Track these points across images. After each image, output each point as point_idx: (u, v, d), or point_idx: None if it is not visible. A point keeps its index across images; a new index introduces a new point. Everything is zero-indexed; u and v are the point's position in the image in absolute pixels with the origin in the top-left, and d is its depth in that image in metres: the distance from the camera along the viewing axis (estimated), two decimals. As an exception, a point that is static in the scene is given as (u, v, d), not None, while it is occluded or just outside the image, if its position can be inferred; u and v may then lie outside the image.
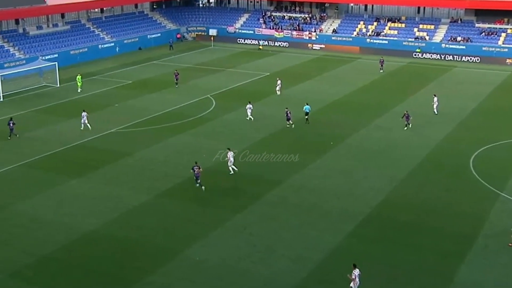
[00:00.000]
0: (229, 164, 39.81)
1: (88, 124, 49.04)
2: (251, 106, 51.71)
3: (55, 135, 48.36)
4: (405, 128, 48.32)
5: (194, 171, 37.26)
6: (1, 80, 59.48)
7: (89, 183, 38.65)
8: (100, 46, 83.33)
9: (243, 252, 29.82)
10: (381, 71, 72.21)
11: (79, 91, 61.85)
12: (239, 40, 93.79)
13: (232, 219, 33.46)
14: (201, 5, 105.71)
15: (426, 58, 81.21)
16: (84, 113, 49.46)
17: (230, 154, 39.89)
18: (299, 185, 38.13)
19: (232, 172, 39.75)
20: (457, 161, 42.26)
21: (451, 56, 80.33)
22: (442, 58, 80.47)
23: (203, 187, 37.01)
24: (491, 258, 29.39)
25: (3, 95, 59.64)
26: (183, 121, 51.76)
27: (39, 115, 54.08)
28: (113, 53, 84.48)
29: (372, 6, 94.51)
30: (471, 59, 78.96)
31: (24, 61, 71.00)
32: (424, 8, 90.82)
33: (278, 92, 60.97)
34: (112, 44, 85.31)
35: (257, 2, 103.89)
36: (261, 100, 58.40)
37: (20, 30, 78.30)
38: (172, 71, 68.65)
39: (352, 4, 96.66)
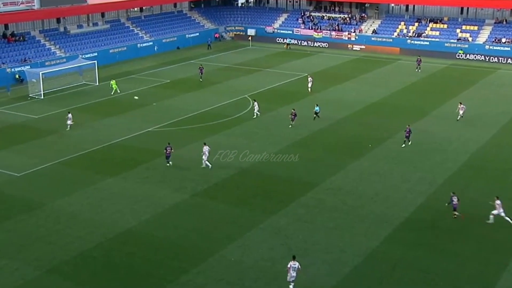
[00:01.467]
0: (203, 158, 40.50)
1: (69, 125, 49.49)
2: (256, 104, 53.06)
3: (93, 133, 49.13)
4: (403, 145, 44.50)
5: (166, 151, 40.72)
6: (42, 78, 60.65)
7: (126, 182, 39.16)
8: (139, 45, 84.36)
9: (278, 254, 29.79)
10: (418, 70, 71.60)
11: (118, 92, 62.29)
12: (278, 40, 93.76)
13: (267, 220, 33.46)
14: (239, 5, 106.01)
15: (468, 60, 79.88)
16: (69, 115, 49.99)
17: (206, 149, 40.61)
18: (336, 188, 37.92)
19: (204, 166, 40.44)
20: (499, 166, 41.47)
21: (495, 58, 78.83)
22: (486, 60, 79.02)
23: (170, 163, 40.98)
24: (534, 267, 28.77)
25: (43, 93, 60.86)
26: (220, 121, 52.01)
27: (78, 113, 54.84)
28: (152, 52, 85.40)
29: (414, 6, 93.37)
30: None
31: (64, 60, 72.30)
32: (468, 8, 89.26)
33: (309, 89, 61.14)
34: (151, 43, 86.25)
35: (296, 2, 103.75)
36: (299, 101, 58.24)
37: (61, 29, 79.75)
38: (209, 70, 69.15)
39: (393, 4, 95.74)
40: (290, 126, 49.44)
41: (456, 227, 32.72)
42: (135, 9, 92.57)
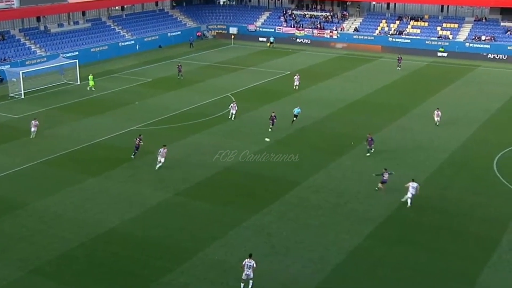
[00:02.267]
0: (159, 158, 40.17)
1: (34, 133, 47.21)
2: (235, 105, 52.20)
3: (74, 133, 48.77)
4: (368, 154, 43.04)
5: (136, 141, 41.77)
6: (22, 78, 60.08)
7: (108, 181, 38.96)
8: (120, 44, 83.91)
9: (261, 252, 29.79)
10: (399, 68, 72.14)
11: (92, 89, 61.94)
12: (260, 39, 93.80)
13: (251, 219, 33.47)
14: (221, 3, 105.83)
15: (449, 58, 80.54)
16: (34, 121, 47.61)
17: (164, 151, 40.20)
18: (319, 186, 38.06)
19: (157, 169, 40.24)
20: (481, 163, 41.91)
21: (475, 56, 79.58)
22: (466, 58, 79.73)
23: (133, 156, 41.97)
24: (515, 262, 29.15)
25: (24, 92, 60.29)
26: (203, 119, 51.93)
27: (59, 112, 54.57)
28: (133, 51, 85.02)
29: (395, 4, 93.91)
30: (496, 58, 78.14)
31: (45, 59, 71.66)
32: (448, 6, 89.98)
33: (296, 87, 61.35)
34: (133, 42, 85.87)
35: (278, 0, 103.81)
36: (280, 99, 58.43)
37: (42, 28, 79.08)
38: (191, 68, 69.08)
39: (374, 3, 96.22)
40: (270, 130, 48.16)
41: (439, 224, 33.02)
42: (117, 7, 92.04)
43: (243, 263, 26.63)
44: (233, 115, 51.68)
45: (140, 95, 60.76)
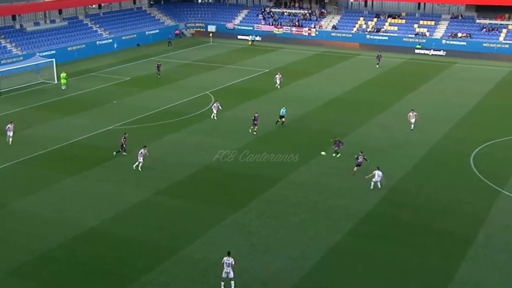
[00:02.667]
0: (139, 158, 39.74)
1: (11, 138, 44.98)
2: (218, 105, 51.49)
3: (52, 132, 48.36)
4: (334, 154, 42.57)
5: (122, 140, 41.92)
6: (-2, 77, 59.47)
7: (87, 181, 38.71)
8: (98, 42, 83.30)
9: (242, 251, 29.87)
10: (377, 66, 72.47)
11: (63, 88, 61.58)
12: (238, 37, 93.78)
13: (231, 217, 33.51)
14: (199, 1, 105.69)
15: (426, 55, 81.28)
16: (10, 125, 45.05)
17: (144, 151, 39.85)
18: (299, 183, 38.20)
19: (134, 168, 40.01)
20: (457, 159, 42.38)
21: (451, 52, 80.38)
22: (443, 55, 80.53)
23: (114, 153, 42.14)
24: (492, 256, 29.52)
25: (0, 92, 59.57)
26: (182, 118, 51.81)
27: (37, 112, 54.07)
28: (111, 49, 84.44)
29: (372, 2, 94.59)
30: (472, 55, 79.02)
31: (21, 58, 70.93)
32: (425, 4, 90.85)
33: (278, 86, 61.31)
34: (110, 40, 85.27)
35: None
36: (260, 97, 58.56)
37: (17, 26, 78.20)
38: (170, 67, 68.87)
39: (352, 0, 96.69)
40: (252, 131, 47.33)
41: (418, 220, 33.34)
42: (94, 6, 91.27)
43: (222, 261, 26.67)
44: (215, 115, 51.38)
45: (118, 94, 60.41)
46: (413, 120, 48.05)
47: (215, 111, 51.30)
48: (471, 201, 35.72)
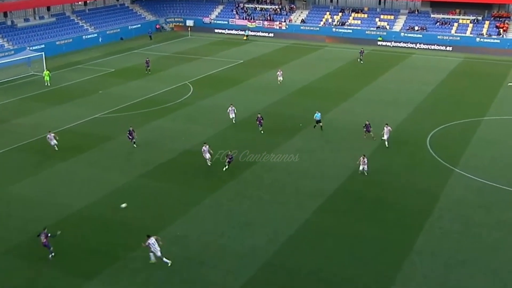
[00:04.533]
0: (206, 156, 37.77)
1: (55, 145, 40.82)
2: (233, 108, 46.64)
3: (41, 121, 47.40)
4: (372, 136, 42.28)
5: (129, 132, 40.96)
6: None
7: (75, 166, 38.06)
8: (84, 37, 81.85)
9: (220, 228, 29.70)
10: (361, 61, 69.91)
11: (47, 85, 59.45)
12: (215, 31, 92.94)
13: (210, 197, 33.26)
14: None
15: (387, 46, 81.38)
16: (49, 135, 40.89)
17: (206, 148, 37.93)
18: (272, 165, 38.01)
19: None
20: (416, 141, 42.55)
21: (409, 44, 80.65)
22: (402, 46, 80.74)
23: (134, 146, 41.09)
24: (445, 227, 29.82)
25: (-8, 84, 58.36)
26: (163, 106, 51.20)
27: (27, 102, 53.00)
28: (97, 43, 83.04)
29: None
30: (427, 46, 79.37)
31: (12, 52, 69.44)
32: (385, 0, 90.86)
33: (279, 82, 58.97)
34: (96, 35, 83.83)
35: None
36: (235, 86, 58.10)
37: (9, 23, 76.48)
38: (152, 59, 67.85)
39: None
40: (261, 132, 44.14)
41: (381, 196, 33.46)
42: (80, 3, 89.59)
43: (146, 243, 26.09)
44: (234, 119, 46.43)
45: (103, 85, 59.42)
46: (386, 136, 41.31)
47: (232, 115, 46.29)
48: (427, 179, 35.92)
